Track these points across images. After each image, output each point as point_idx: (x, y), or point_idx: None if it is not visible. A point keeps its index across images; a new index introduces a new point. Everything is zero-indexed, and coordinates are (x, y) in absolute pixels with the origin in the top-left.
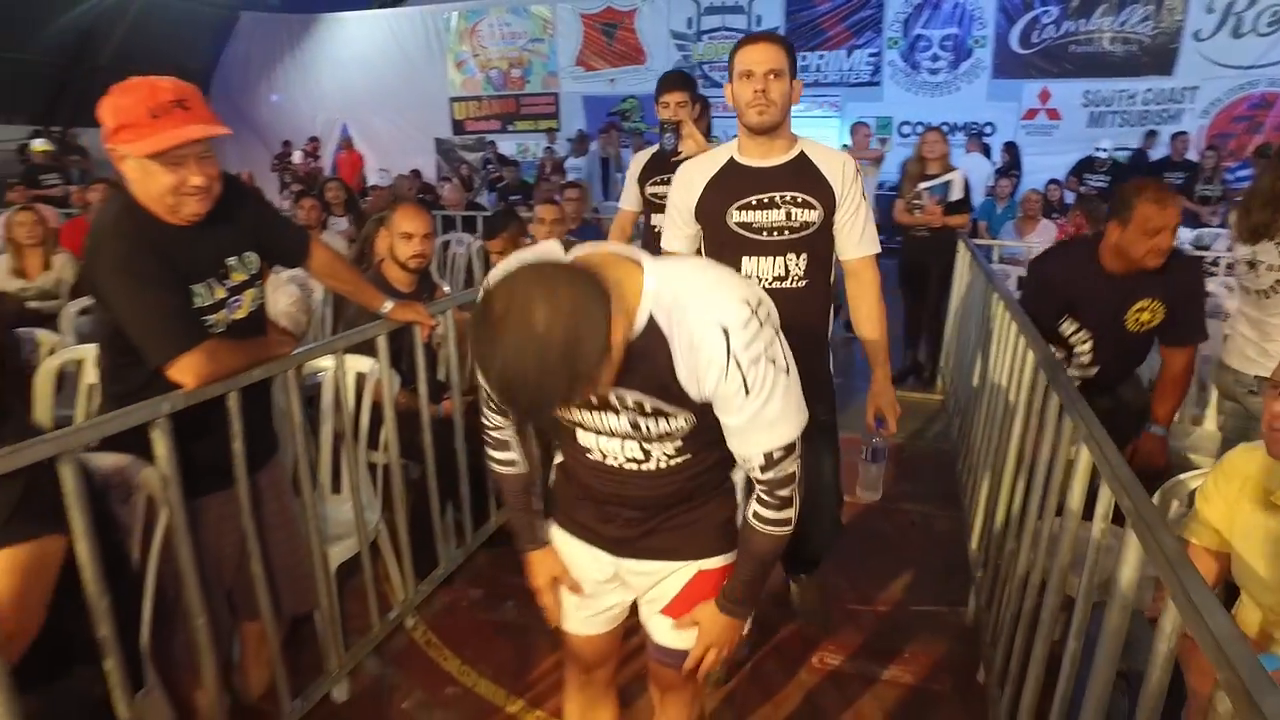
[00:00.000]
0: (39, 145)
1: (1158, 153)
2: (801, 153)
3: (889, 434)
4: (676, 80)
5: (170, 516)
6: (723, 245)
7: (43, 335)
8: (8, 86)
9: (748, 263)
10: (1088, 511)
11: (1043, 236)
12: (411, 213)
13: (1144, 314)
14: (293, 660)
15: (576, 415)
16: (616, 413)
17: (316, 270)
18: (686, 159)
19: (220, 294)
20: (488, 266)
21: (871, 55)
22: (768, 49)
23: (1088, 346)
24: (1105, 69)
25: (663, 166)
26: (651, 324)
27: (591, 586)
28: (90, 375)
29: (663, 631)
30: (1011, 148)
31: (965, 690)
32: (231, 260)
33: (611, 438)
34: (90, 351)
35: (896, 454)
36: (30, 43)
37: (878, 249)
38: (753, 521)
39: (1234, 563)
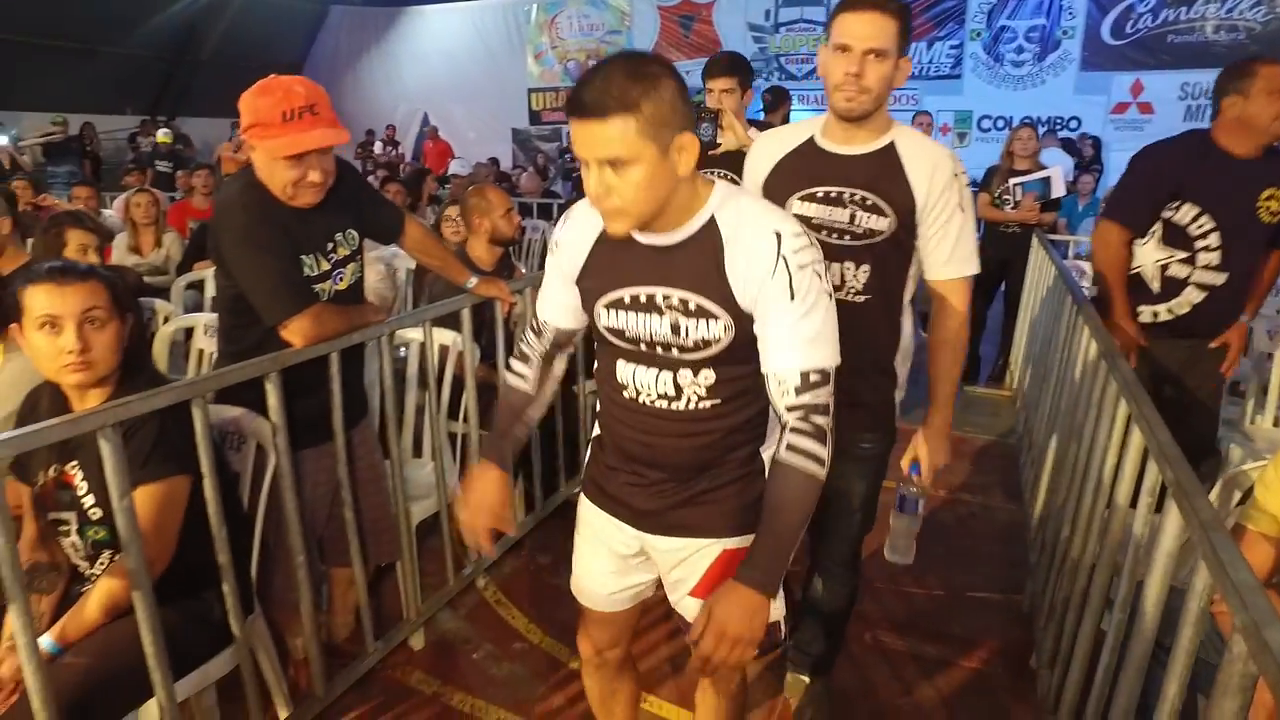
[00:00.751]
0: (163, 135)
1: None
2: (891, 144)
3: (923, 486)
4: (725, 64)
5: (277, 461)
6: None
7: (160, 304)
8: (118, 80)
9: None
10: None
11: None
12: (495, 191)
13: (1275, 201)
14: (374, 608)
15: (622, 320)
16: (660, 314)
17: (410, 246)
18: (725, 154)
19: (325, 266)
20: None
21: (953, 47)
22: (874, 20)
23: (1215, 240)
24: (1207, 59)
25: (699, 160)
26: (711, 223)
27: (617, 564)
28: (200, 341)
29: (694, 614)
30: (1095, 143)
31: (1018, 675)
32: (337, 236)
33: (647, 368)
34: (200, 319)
35: (955, 447)
36: (138, 38)
37: (971, 270)
38: (784, 455)
39: None
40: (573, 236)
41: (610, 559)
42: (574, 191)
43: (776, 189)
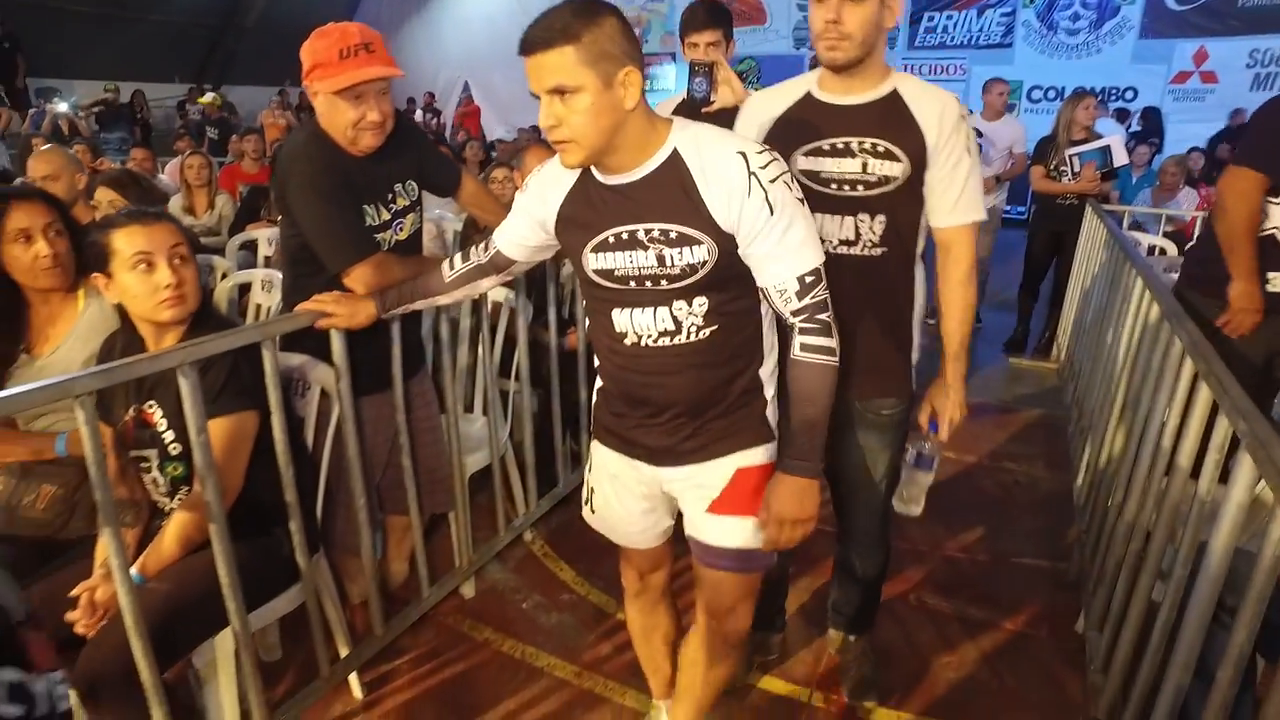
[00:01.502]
0: (209, 98)
1: None
2: (894, 90)
3: (940, 441)
4: (707, 14)
5: (341, 406)
6: None
7: (218, 260)
8: (166, 49)
9: None
10: (1200, 469)
11: (1183, 205)
12: (542, 151)
13: None
14: (428, 555)
15: (609, 260)
16: (644, 249)
17: (465, 200)
18: (722, 110)
19: (386, 216)
20: None
21: (1005, 15)
22: None
23: None
24: None
25: (692, 115)
26: (674, 155)
27: (638, 504)
28: (258, 295)
29: (709, 531)
30: (1152, 113)
31: (1063, 638)
32: (397, 186)
33: (643, 309)
34: (256, 275)
35: (1000, 419)
36: (184, 6)
37: (978, 216)
38: (799, 355)
39: None
40: (549, 176)
41: (633, 500)
42: None
43: (780, 147)
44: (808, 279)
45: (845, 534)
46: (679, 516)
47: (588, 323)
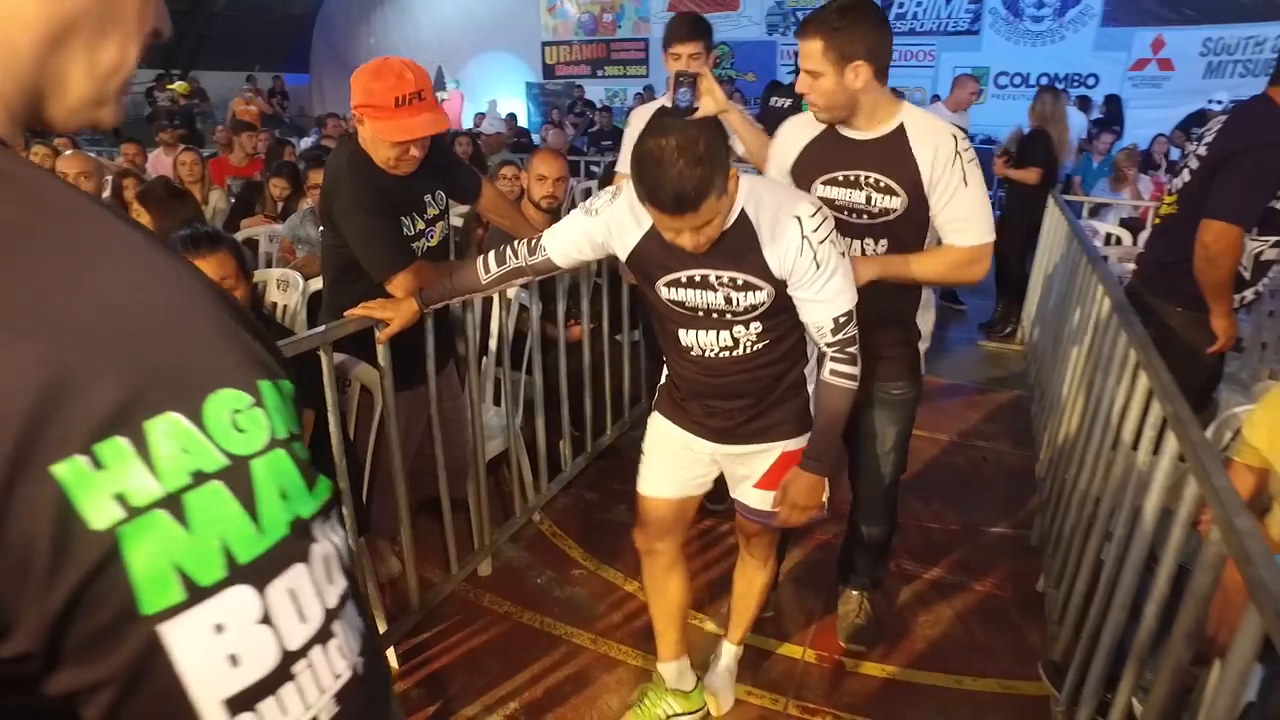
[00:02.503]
0: (180, 85)
1: None
2: (900, 126)
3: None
4: (690, 28)
5: (385, 403)
6: None
7: None
8: None
9: None
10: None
11: (1140, 192)
12: (549, 158)
13: None
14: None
15: (682, 294)
16: (714, 290)
17: (485, 207)
18: (705, 118)
19: (420, 226)
20: None
21: (972, 2)
22: (803, 46)
23: None
24: (1233, 13)
25: None
26: (743, 215)
27: (688, 455)
28: (274, 294)
29: (754, 499)
30: (1113, 101)
31: (1026, 597)
32: (427, 198)
33: (708, 330)
34: (273, 275)
35: (971, 399)
36: None
37: (980, 240)
38: (829, 379)
39: (1271, 478)
40: (622, 216)
41: (683, 451)
42: (589, 147)
43: (802, 173)
44: (841, 319)
45: (856, 500)
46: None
47: (655, 328)
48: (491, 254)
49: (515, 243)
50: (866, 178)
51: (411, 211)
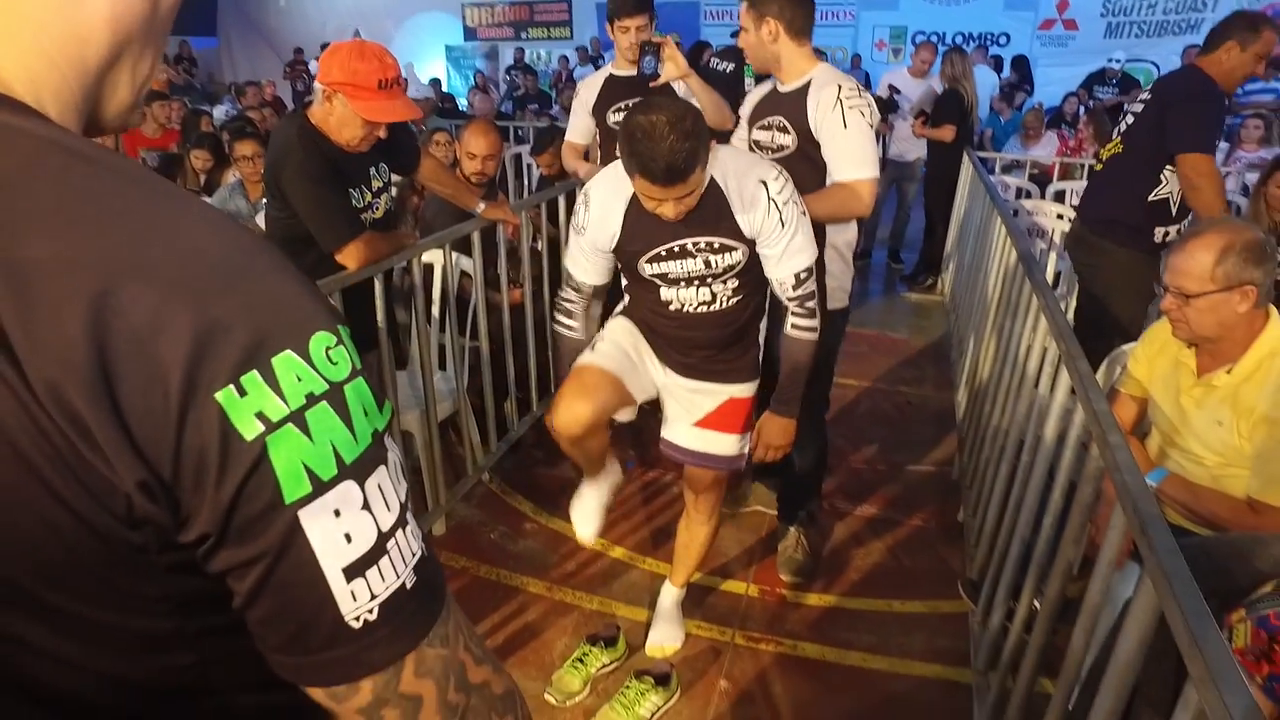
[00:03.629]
0: None
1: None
2: (808, 81)
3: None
4: (637, 1)
5: None
6: None
7: None
8: None
9: None
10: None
11: (1046, 148)
12: (480, 135)
13: None
14: None
15: (664, 267)
16: (693, 257)
17: (424, 176)
18: (666, 84)
19: (368, 198)
20: (533, 179)
21: None
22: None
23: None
24: None
25: (625, 93)
26: (713, 183)
27: (638, 359)
28: None
29: (690, 439)
30: (1022, 61)
31: (947, 527)
32: (372, 170)
33: (688, 286)
34: None
35: (895, 347)
36: None
37: (860, 174)
38: (792, 333)
39: (1150, 405)
40: (597, 216)
41: (636, 357)
42: (516, 111)
43: (751, 120)
44: (802, 275)
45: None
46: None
47: (631, 290)
48: (561, 315)
49: (563, 294)
50: (778, 122)
51: (359, 184)
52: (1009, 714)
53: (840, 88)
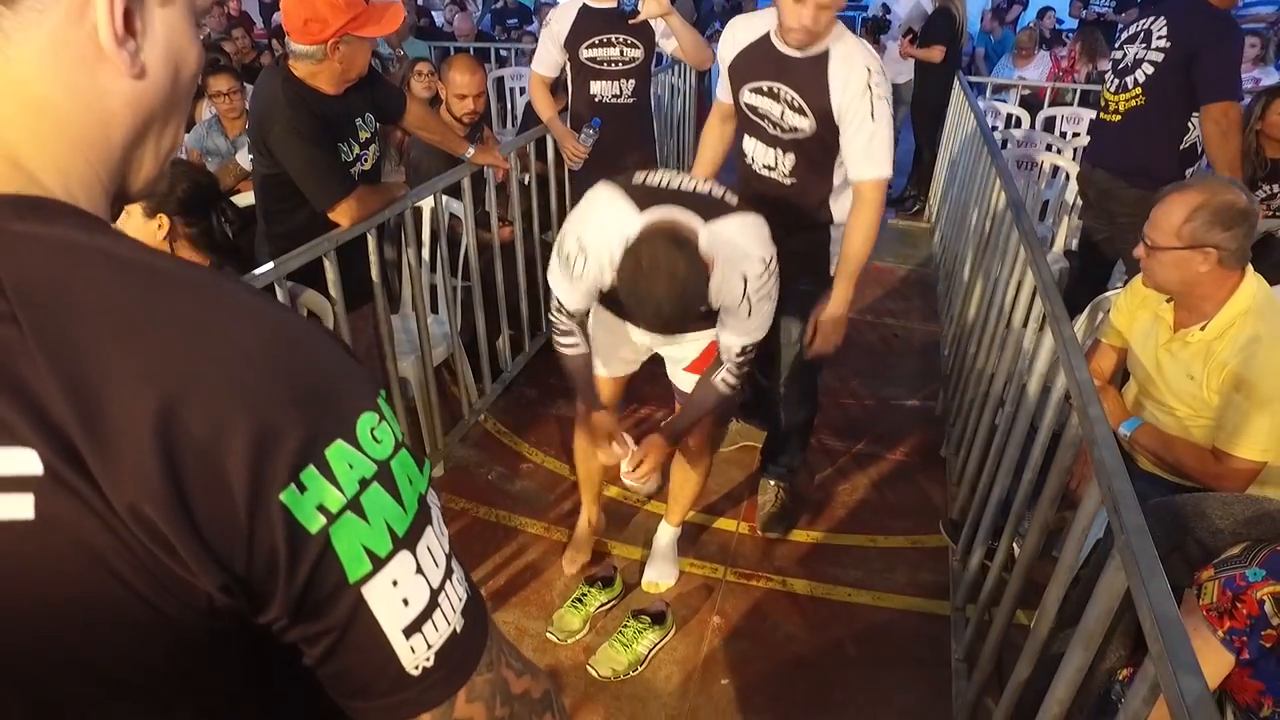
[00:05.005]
0: None
1: None
2: (826, 52)
3: (812, 354)
4: None
5: (337, 327)
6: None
7: None
8: None
9: (747, 142)
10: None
11: (1038, 69)
12: (467, 70)
13: None
14: None
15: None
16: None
17: (411, 123)
18: (645, 21)
19: (356, 150)
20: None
21: None
22: None
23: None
24: None
25: (600, 26)
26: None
27: (624, 340)
28: None
29: (681, 381)
30: None
31: (930, 461)
32: (358, 121)
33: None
34: None
35: (880, 276)
36: None
37: (880, 174)
38: (717, 384)
39: (1129, 354)
40: (594, 270)
41: (620, 337)
42: (494, 26)
43: (736, 74)
44: (748, 348)
45: (775, 391)
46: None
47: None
48: (560, 336)
49: (557, 318)
50: (785, 92)
51: (347, 138)
52: (985, 647)
53: (869, 71)
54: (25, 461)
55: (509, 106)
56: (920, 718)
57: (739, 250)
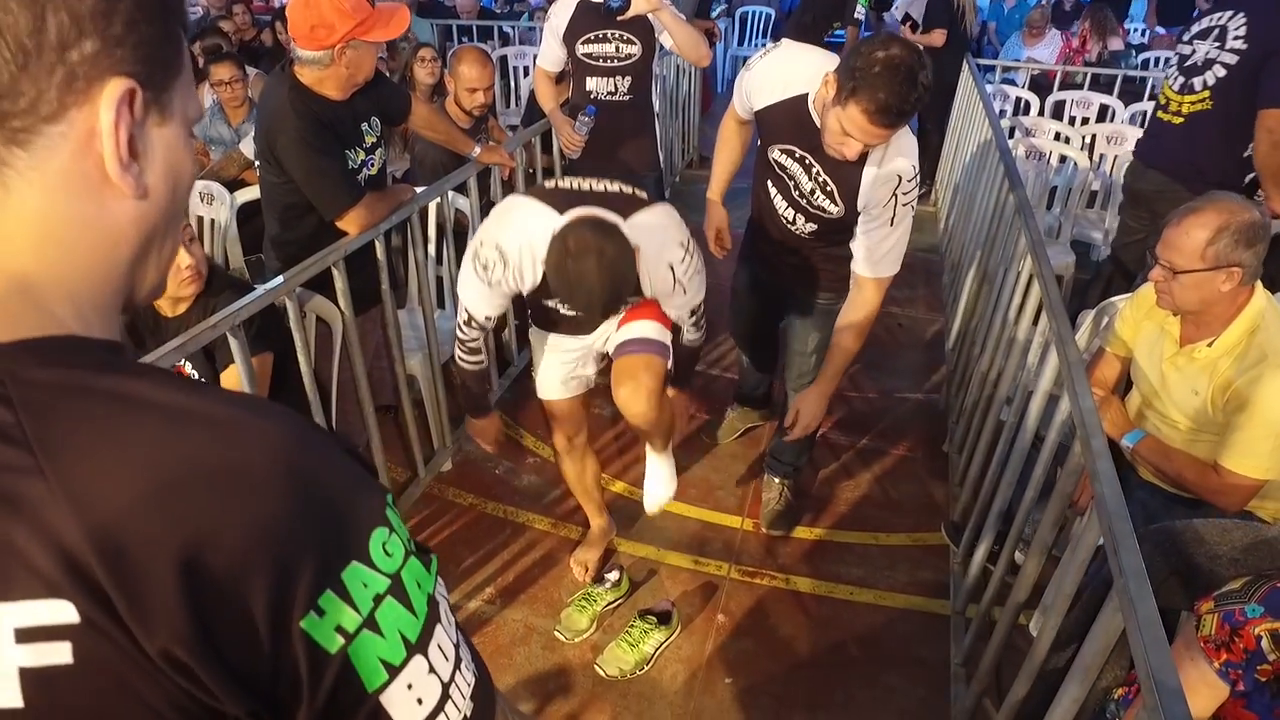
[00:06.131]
0: None
1: None
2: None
3: (791, 438)
4: None
5: (346, 334)
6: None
7: None
8: None
9: (770, 187)
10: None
11: (1049, 48)
12: (477, 63)
13: None
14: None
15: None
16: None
17: (417, 124)
18: (635, 17)
19: (361, 156)
20: (520, 85)
21: None
22: (883, 135)
23: None
24: None
25: (597, 22)
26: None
27: (568, 358)
28: (199, 208)
29: (618, 338)
30: None
31: (934, 456)
32: (364, 126)
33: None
34: (195, 186)
35: None
36: None
37: (885, 273)
38: (686, 342)
39: (1132, 365)
40: (514, 273)
41: (561, 353)
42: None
43: (765, 129)
44: (696, 308)
45: (787, 397)
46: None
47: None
48: (467, 354)
49: (465, 335)
50: (817, 171)
51: (354, 144)
52: (984, 658)
53: (900, 178)
54: (63, 612)
55: (513, 85)
56: (919, 718)
57: (659, 240)
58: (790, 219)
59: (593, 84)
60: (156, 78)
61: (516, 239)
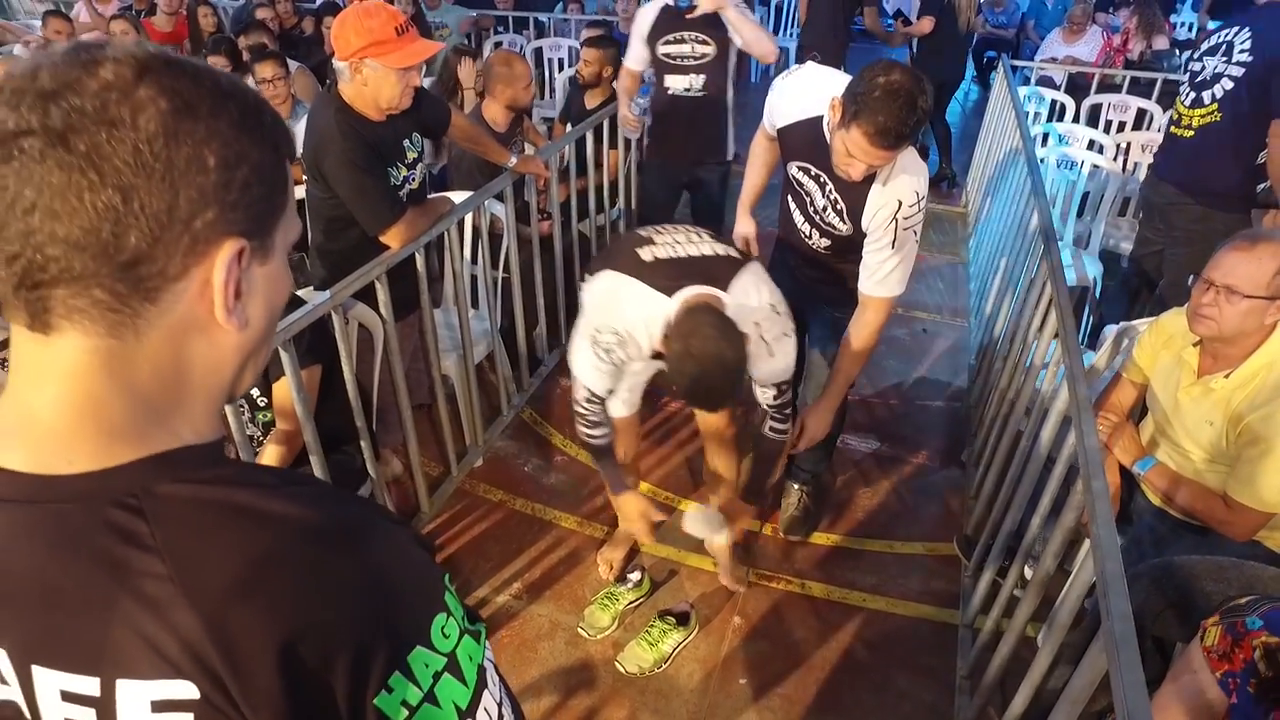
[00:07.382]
0: None
1: None
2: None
3: (791, 446)
4: None
5: (388, 343)
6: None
7: None
8: None
9: (790, 200)
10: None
11: (1089, 45)
12: (521, 66)
13: None
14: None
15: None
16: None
17: (455, 136)
18: (703, 15)
19: (404, 173)
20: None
21: None
22: (884, 156)
23: None
24: None
25: (675, 24)
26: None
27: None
28: None
29: None
30: None
31: (950, 466)
32: (405, 143)
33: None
34: None
35: (920, 267)
36: None
37: (889, 293)
38: (768, 433)
39: (1149, 392)
40: (635, 359)
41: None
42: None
43: (785, 146)
44: (783, 386)
45: (808, 404)
46: None
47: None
48: (588, 428)
49: (585, 410)
50: (830, 189)
51: (396, 161)
52: (987, 672)
53: (900, 204)
54: (187, 690)
55: (546, 77)
56: None
57: (753, 307)
58: (807, 234)
59: (670, 81)
60: (264, 227)
61: (629, 324)
